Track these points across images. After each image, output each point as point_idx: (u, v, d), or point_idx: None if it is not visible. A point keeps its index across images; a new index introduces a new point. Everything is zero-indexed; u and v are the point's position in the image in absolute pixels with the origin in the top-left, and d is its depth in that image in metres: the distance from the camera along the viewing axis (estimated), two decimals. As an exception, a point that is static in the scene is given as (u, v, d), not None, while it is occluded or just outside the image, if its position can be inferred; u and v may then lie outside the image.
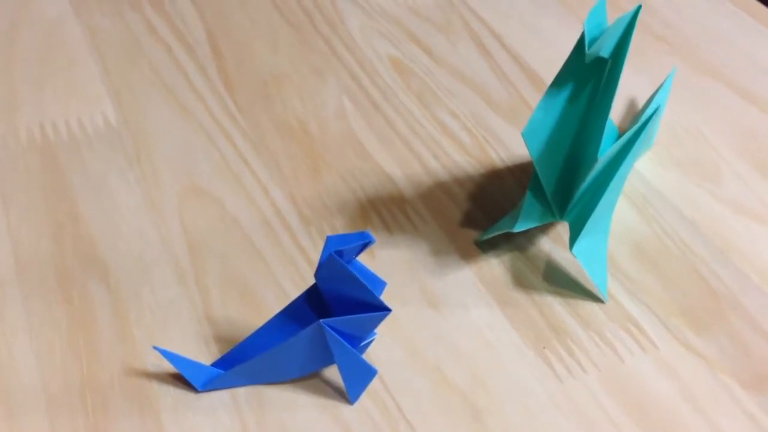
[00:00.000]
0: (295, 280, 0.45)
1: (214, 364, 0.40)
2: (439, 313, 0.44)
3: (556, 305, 0.45)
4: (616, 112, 0.57)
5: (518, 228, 0.45)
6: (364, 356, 0.40)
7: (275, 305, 0.43)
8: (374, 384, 0.40)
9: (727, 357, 0.43)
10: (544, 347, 0.43)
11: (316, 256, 0.46)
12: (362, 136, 0.54)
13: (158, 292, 0.44)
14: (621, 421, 0.40)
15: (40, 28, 0.61)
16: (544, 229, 0.48)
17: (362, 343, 0.39)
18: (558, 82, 0.41)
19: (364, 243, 0.35)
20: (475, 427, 0.39)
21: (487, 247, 0.48)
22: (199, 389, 0.39)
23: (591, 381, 0.41)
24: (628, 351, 0.43)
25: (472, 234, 0.48)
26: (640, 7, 0.41)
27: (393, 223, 0.49)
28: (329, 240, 0.35)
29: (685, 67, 0.61)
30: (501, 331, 0.43)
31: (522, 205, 0.44)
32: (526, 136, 0.41)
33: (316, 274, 0.37)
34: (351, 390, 0.39)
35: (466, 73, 0.60)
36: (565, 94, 0.41)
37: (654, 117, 0.54)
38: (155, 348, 0.39)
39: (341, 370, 0.38)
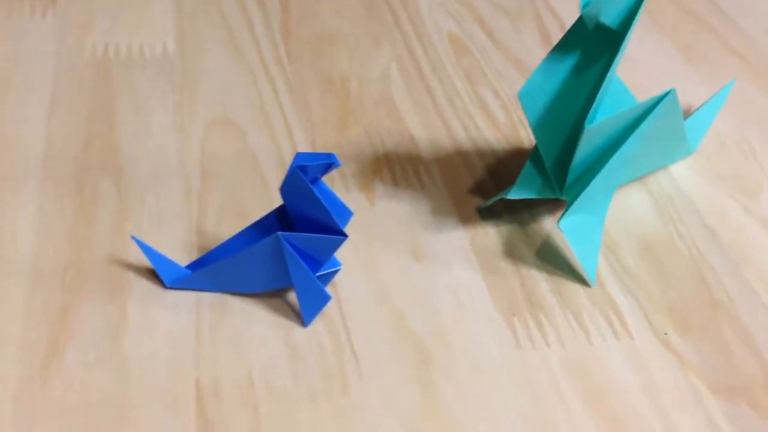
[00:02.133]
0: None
1: (188, 266, 0.42)
2: (420, 265, 0.45)
3: (540, 280, 0.45)
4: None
5: (511, 195, 0.45)
6: (330, 286, 0.42)
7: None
8: (333, 313, 0.41)
9: (705, 361, 0.41)
10: (513, 315, 0.43)
11: (318, 196, 0.48)
12: (399, 99, 0.56)
13: (162, 201, 0.47)
14: (570, 398, 0.39)
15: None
16: (550, 207, 0.48)
17: (325, 271, 0.40)
18: (561, 47, 0.41)
19: (329, 163, 0.37)
20: (419, 372, 0.39)
21: (488, 215, 0.48)
22: (168, 285, 0.41)
23: (551, 356, 0.41)
24: (600, 335, 0.42)
25: (478, 203, 0.49)
26: None
27: (402, 178, 0.50)
28: (297, 156, 0.37)
29: (753, 82, 0.59)
30: (476, 294, 0.43)
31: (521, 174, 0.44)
32: (523, 96, 0.41)
33: (281, 188, 0.38)
34: (305, 312, 0.40)
35: (523, 59, 0.60)
36: (569, 61, 0.41)
37: (698, 119, 0.53)
38: (132, 237, 0.42)
39: (296, 289, 0.40)
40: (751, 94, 0.58)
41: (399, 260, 0.45)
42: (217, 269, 0.40)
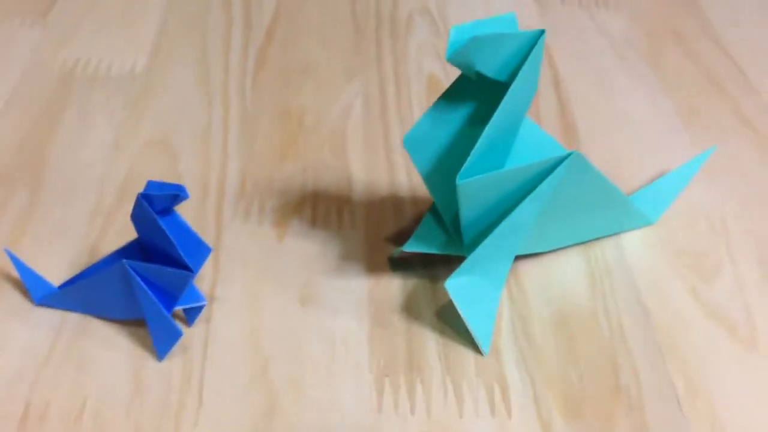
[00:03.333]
0: (194, 242, 0.46)
1: (60, 285, 0.41)
2: (305, 310, 0.43)
3: (430, 342, 0.42)
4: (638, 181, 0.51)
5: (407, 247, 0.42)
6: (203, 322, 0.40)
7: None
8: (195, 351, 0.40)
9: (584, 453, 0.37)
10: (386, 376, 0.40)
11: (228, 225, 0.47)
12: (351, 137, 0.54)
13: (68, 217, 0.46)
14: (417, 473, 0.36)
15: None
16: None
17: (187, 305, 0.39)
18: (449, 94, 0.38)
19: (174, 195, 0.35)
20: (260, 425, 0.37)
21: (399, 267, 0.45)
22: (36, 302, 0.41)
23: (411, 425, 0.38)
24: (474, 409, 0.39)
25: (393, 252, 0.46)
26: (543, 32, 0.37)
27: (322, 218, 0.48)
28: (148, 184, 0.36)
29: (753, 154, 0.54)
30: (354, 348, 0.41)
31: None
32: (408, 143, 0.39)
33: (131, 215, 0.37)
34: (159, 345, 0.39)
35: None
36: (457, 110, 0.38)
37: (661, 186, 0.49)
38: (6, 250, 0.42)
39: (148, 321, 0.38)
40: (745, 167, 0.53)
41: (285, 303, 0.43)
42: (76, 290, 0.40)
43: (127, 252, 0.39)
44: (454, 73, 0.60)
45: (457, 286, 0.40)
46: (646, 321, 0.44)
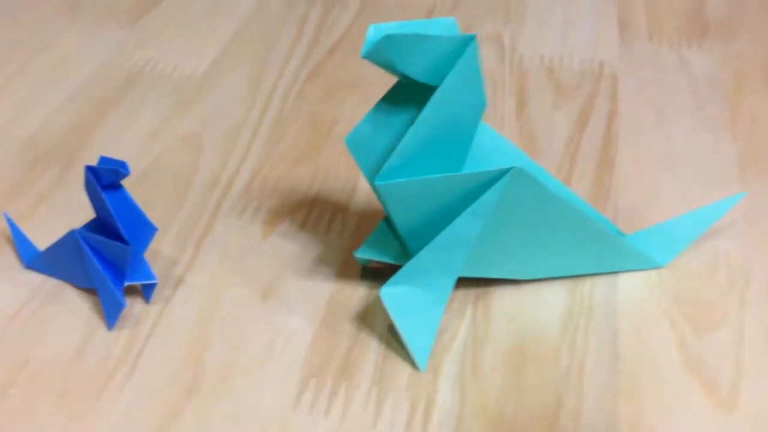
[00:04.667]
0: (185, 229, 0.48)
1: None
2: (263, 305, 0.44)
3: (372, 350, 0.41)
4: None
5: (357, 254, 0.43)
6: (163, 301, 0.43)
7: (158, 236, 0.47)
8: (145, 326, 0.42)
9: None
10: (314, 376, 0.40)
11: (222, 218, 0.49)
12: (373, 149, 0.55)
13: (78, 193, 0.50)
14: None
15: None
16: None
17: (137, 282, 0.41)
18: (389, 97, 0.38)
19: (115, 170, 0.38)
20: (178, 401, 0.39)
21: (368, 277, 0.45)
22: (25, 264, 0.45)
23: (321, 426, 0.38)
24: (390, 422, 0.38)
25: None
26: (473, 37, 0.36)
27: (313, 223, 0.49)
28: (100, 159, 0.39)
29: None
30: (294, 345, 0.42)
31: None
32: (350, 144, 0.39)
33: (84, 186, 0.40)
34: (108, 315, 0.41)
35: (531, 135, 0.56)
36: (396, 113, 0.38)
37: (672, 228, 0.46)
38: (4, 214, 0.46)
39: (98, 291, 0.41)
40: None
41: (246, 296, 0.44)
42: (47, 257, 0.43)
43: (93, 224, 0.42)
44: (500, 97, 0.60)
45: (392, 295, 0.39)
46: (612, 364, 0.41)
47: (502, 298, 0.44)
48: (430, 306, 0.40)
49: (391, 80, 0.40)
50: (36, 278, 0.45)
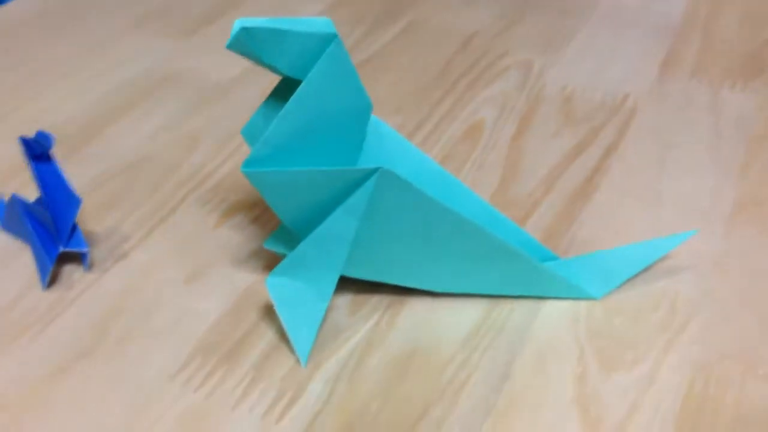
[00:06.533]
0: (147, 213, 0.52)
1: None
2: (183, 288, 0.46)
3: (267, 339, 0.43)
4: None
5: (265, 244, 0.44)
6: (104, 273, 0.47)
7: (122, 216, 0.51)
8: (73, 293, 0.46)
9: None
10: (199, 354, 0.42)
11: (186, 207, 0.52)
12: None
13: (81, 173, 0.55)
14: (156, 440, 0.38)
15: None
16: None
17: (70, 249, 0.45)
18: (277, 91, 0.39)
19: (38, 140, 0.42)
20: (72, 362, 0.42)
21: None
22: (1, 225, 0.50)
23: (185, 399, 0.40)
24: (250, 407, 0.40)
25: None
26: (334, 35, 0.36)
27: (265, 219, 0.51)
28: (37, 133, 0.43)
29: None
30: (195, 325, 0.44)
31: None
32: (245, 135, 0.41)
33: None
34: (41, 273, 0.45)
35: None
36: (282, 108, 0.39)
37: (610, 259, 0.46)
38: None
39: (32, 250, 0.45)
40: (755, 278, 0.46)
41: (172, 277, 0.47)
42: (8, 218, 0.48)
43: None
44: (504, 121, 0.60)
45: (277, 285, 0.41)
46: (498, 384, 0.40)
47: (413, 308, 0.45)
48: (312, 301, 0.41)
49: (397, 97, 0.42)
50: (7, 240, 0.50)
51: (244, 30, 0.36)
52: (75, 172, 0.55)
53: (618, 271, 0.45)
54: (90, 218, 0.51)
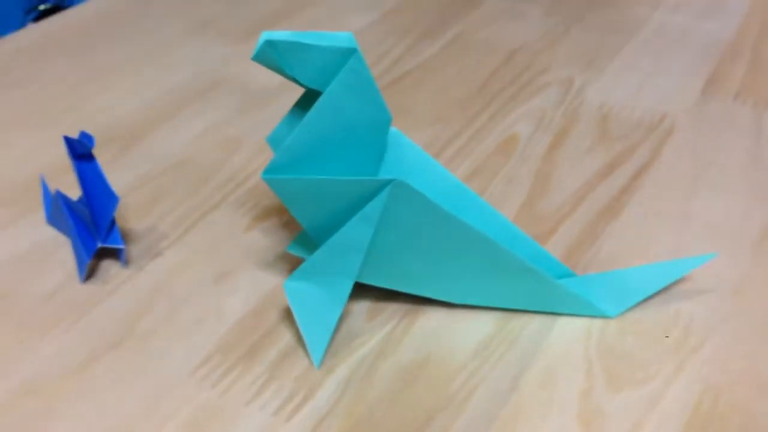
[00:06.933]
0: (185, 213, 0.54)
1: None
2: (212, 286, 0.48)
3: (286, 340, 0.44)
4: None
5: (289, 249, 0.46)
6: (140, 271, 0.49)
7: (161, 215, 0.54)
8: (108, 286, 0.48)
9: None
10: (219, 352, 0.44)
11: (224, 208, 0.54)
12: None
13: (125, 173, 0.58)
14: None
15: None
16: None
17: (108, 246, 0.48)
18: (302, 101, 0.41)
19: (80, 141, 0.45)
20: (103, 352, 0.44)
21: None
22: (47, 221, 0.53)
23: (202, 393, 0.42)
24: (262, 404, 0.41)
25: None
26: (354, 49, 0.38)
27: (295, 223, 0.53)
28: (80, 133, 0.46)
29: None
30: (220, 323, 0.46)
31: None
32: (271, 143, 0.42)
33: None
34: (80, 266, 0.48)
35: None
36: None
37: (627, 278, 0.46)
38: (40, 176, 0.54)
39: (72, 244, 0.48)
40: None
41: (202, 276, 0.49)
42: (54, 215, 0.51)
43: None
44: (539, 136, 0.61)
45: (295, 289, 0.43)
46: (503, 397, 0.41)
47: (429, 317, 0.46)
48: (328, 305, 0.42)
49: (437, 110, 0.43)
50: (52, 233, 0.53)
51: (268, 43, 0.38)
52: (122, 171, 0.58)
53: (635, 290, 0.45)
54: (132, 216, 0.54)
